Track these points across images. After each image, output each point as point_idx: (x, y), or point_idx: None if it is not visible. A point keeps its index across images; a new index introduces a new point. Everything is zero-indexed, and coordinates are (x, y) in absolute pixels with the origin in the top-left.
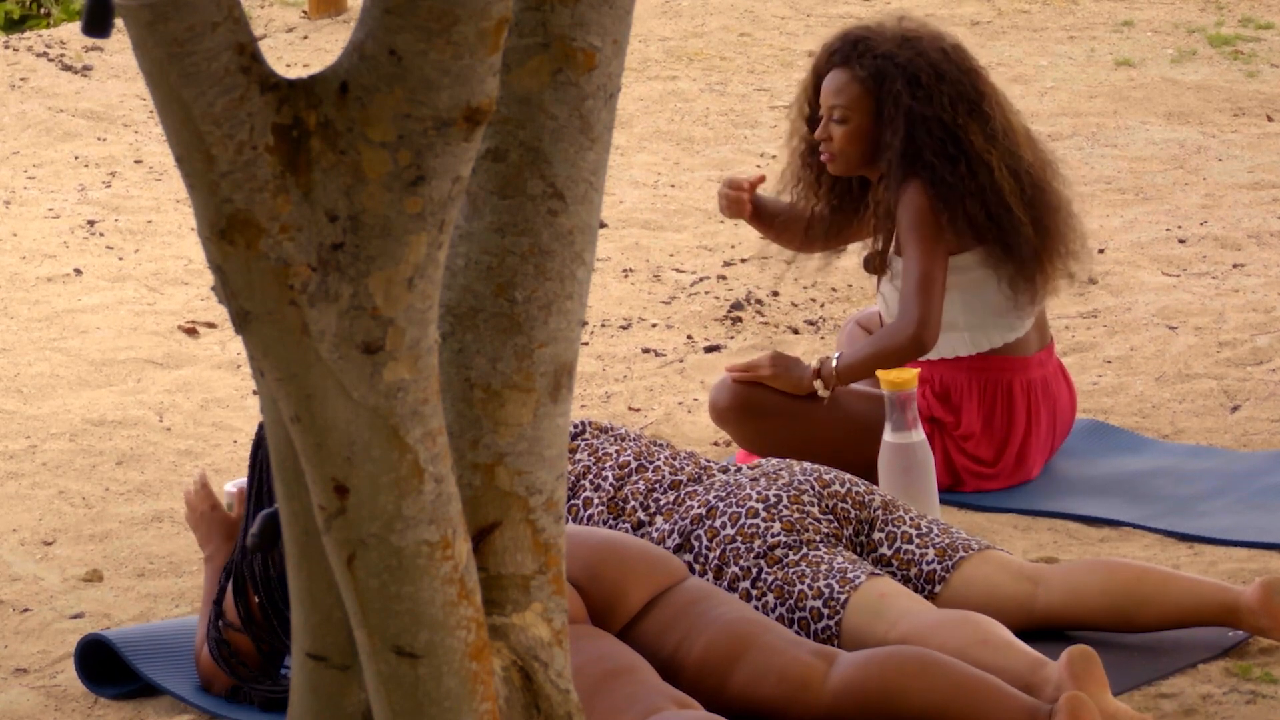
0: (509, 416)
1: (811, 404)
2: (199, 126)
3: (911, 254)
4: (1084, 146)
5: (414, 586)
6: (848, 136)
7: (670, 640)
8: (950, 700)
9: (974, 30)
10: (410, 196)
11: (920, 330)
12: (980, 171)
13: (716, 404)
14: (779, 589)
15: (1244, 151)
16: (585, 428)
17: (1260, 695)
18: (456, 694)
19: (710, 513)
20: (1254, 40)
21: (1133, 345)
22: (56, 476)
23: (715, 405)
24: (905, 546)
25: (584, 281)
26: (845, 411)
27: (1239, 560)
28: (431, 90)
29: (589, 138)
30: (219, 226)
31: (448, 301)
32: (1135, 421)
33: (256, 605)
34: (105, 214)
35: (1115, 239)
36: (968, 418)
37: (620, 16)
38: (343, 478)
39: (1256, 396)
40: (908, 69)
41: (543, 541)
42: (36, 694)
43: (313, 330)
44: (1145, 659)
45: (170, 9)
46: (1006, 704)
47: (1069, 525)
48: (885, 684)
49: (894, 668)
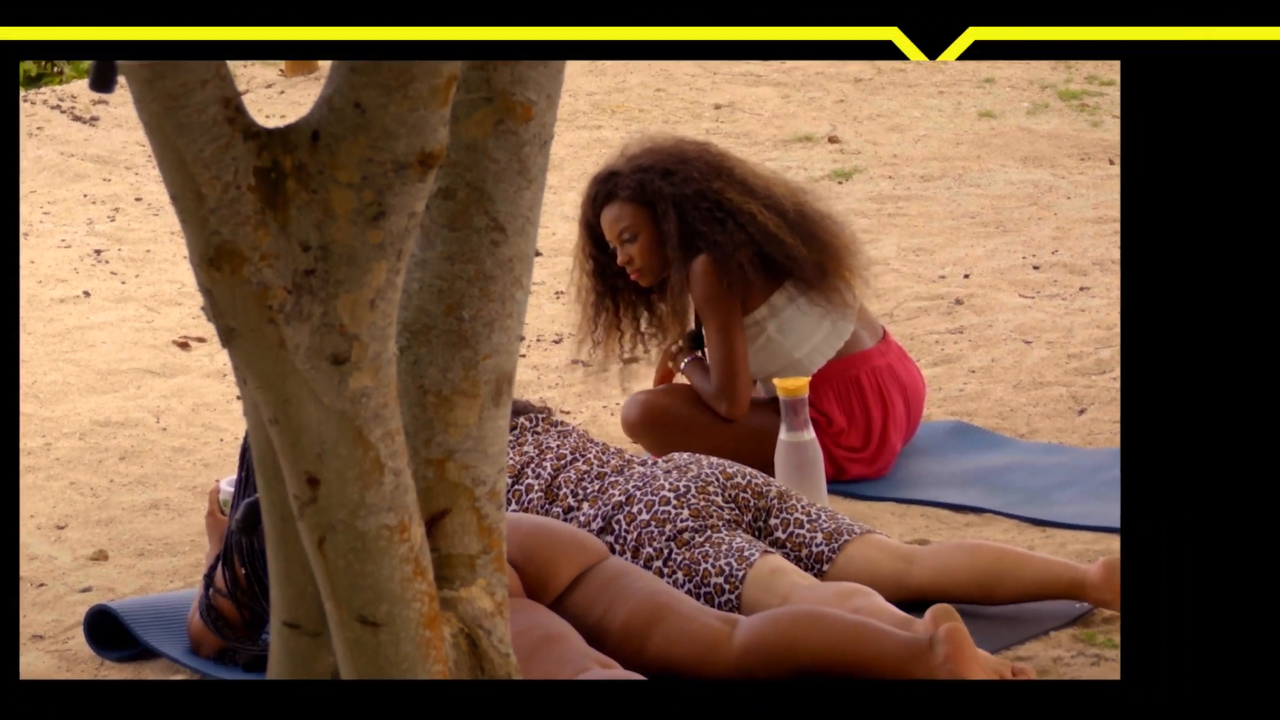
0: (457, 419)
1: (712, 417)
2: (191, 169)
3: (711, 329)
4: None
5: (375, 565)
6: (642, 249)
7: (595, 611)
8: (840, 645)
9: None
10: (372, 229)
11: (729, 409)
12: (746, 221)
13: (627, 419)
14: (686, 567)
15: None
16: (538, 421)
17: (1103, 658)
18: (412, 657)
19: (629, 500)
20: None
21: (993, 357)
22: (68, 470)
23: (626, 420)
24: (797, 531)
25: (522, 302)
26: (743, 423)
27: (1085, 542)
28: (391, 138)
29: (526, 179)
30: (208, 255)
31: (404, 320)
32: (995, 423)
33: (242, 576)
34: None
35: (978, 266)
36: (834, 415)
37: (553, 74)
38: (314, 471)
39: (1100, 401)
40: (657, 168)
41: (486, 526)
42: (51, 657)
43: (289, 344)
44: (1004, 627)
45: (166, 69)
46: (889, 641)
47: (938, 512)
48: (782, 637)
49: (788, 622)
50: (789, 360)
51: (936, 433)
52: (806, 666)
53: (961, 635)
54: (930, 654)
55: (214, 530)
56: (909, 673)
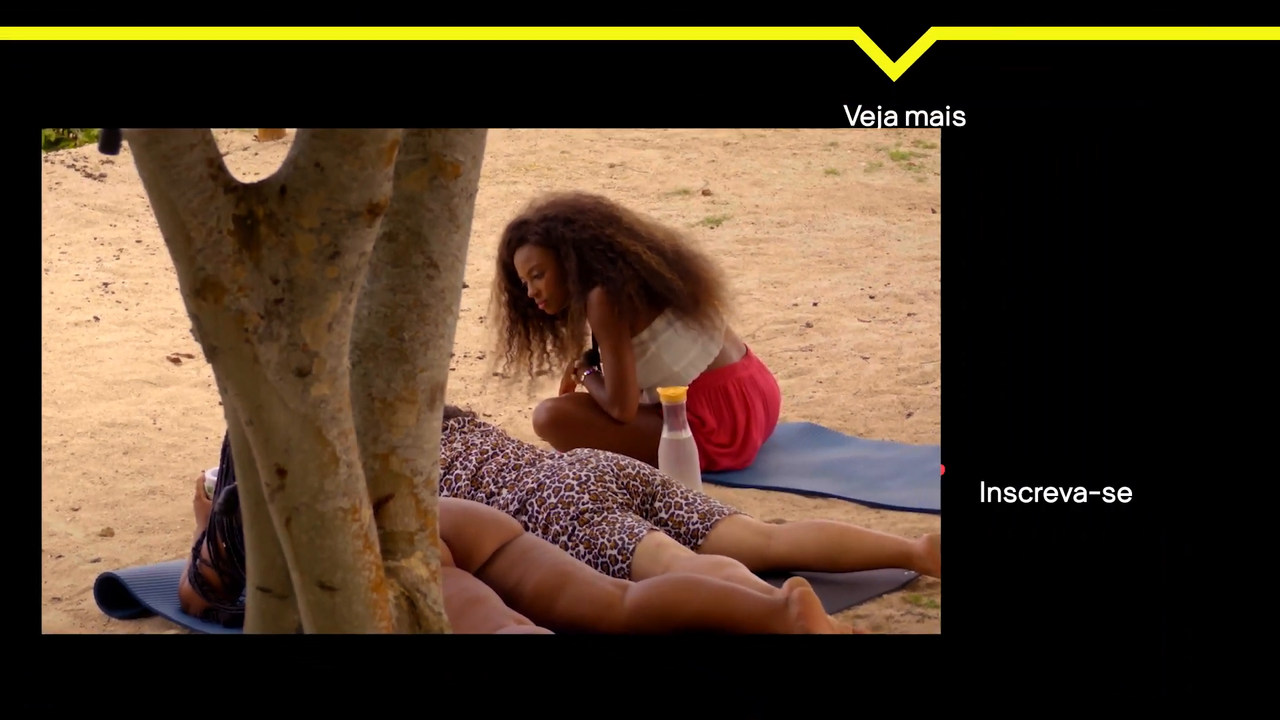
0: (399, 421)
1: (606, 419)
2: (181, 217)
3: (605, 348)
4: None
5: (332, 540)
6: (548, 283)
7: (511, 577)
8: (712, 605)
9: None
10: (330, 266)
11: (620, 413)
12: (633, 260)
13: (537, 421)
14: (587, 541)
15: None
16: (465, 423)
17: (926, 616)
18: (362, 616)
19: (540, 487)
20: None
21: (837, 370)
22: (81, 463)
23: (536, 422)
24: (677, 512)
25: (452, 326)
26: (632, 425)
27: (911, 521)
28: (345, 191)
29: (455, 224)
30: (195, 287)
31: (356, 339)
32: (839, 424)
33: (223, 549)
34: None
35: (824, 296)
36: (706, 418)
37: (478, 139)
38: (282, 463)
39: (924, 406)
40: (560, 217)
41: (422, 508)
42: (67, 615)
43: (261, 360)
44: (846, 591)
45: (161, 135)
46: (752, 603)
47: (793, 497)
48: (665, 599)
49: (670, 587)
50: (669, 373)
51: (790, 432)
52: (685, 623)
53: (811, 598)
54: (786, 613)
55: (200, 512)
56: (769, 628)
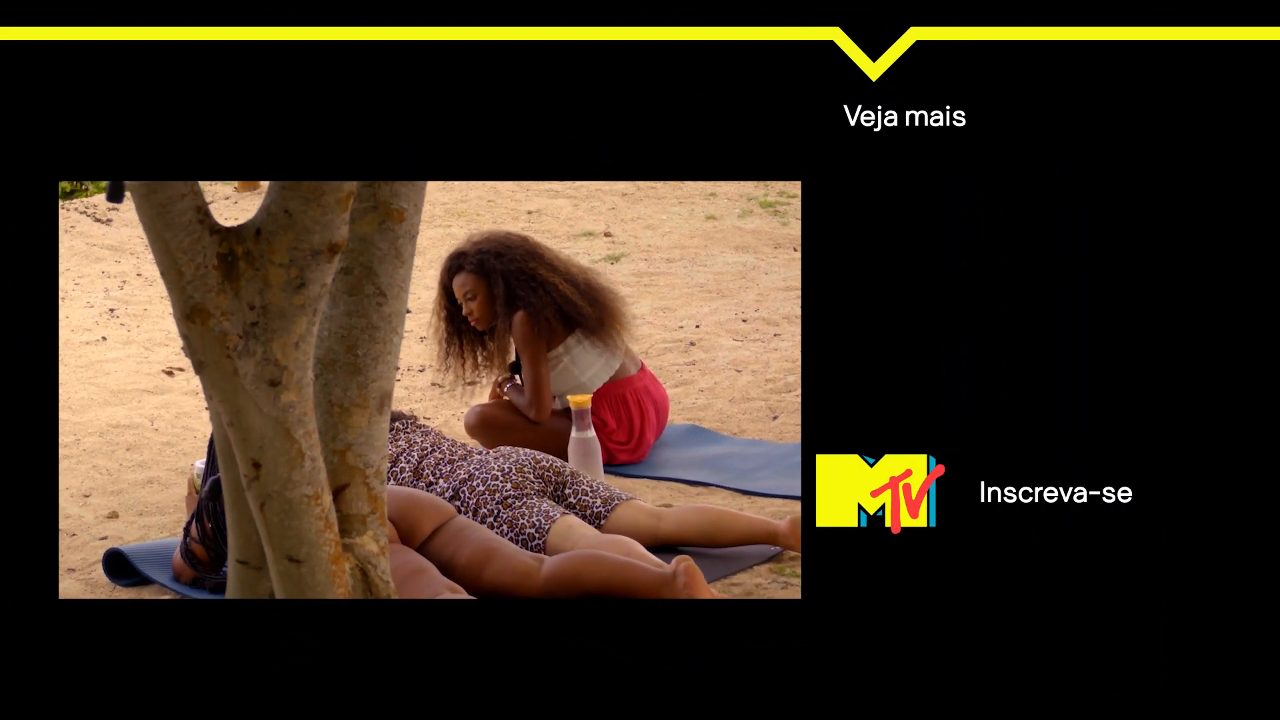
0: (354, 423)
1: (526, 421)
2: (174, 254)
3: (525, 361)
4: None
5: (299, 521)
6: (480, 305)
7: (446, 552)
8: (613, 576)
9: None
10: (297, 295)
11: (537, 416)
12: (550, 289)
13: (468, 423)
14: (510, 522)
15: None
16: (408, 424)
17: (789, 584)
18: (324, 584)
19: (470, 478)
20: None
21: (715, 381)
22: (91, 457)
23: (467, 424)
24: (584, 498)
25: (398, 344)
26: (547, 426)
27: (777, 506)
28: (309, 233)
29: (400, 261)
30: (186, 312)
31: (318, 355)
32: (717, 425)
33: (209, 529)
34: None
35: (705, 320)
36: (608, 420)
37: (419, 189)
38: (257, 458)
39: (787, 411)
40: (491, 250)
41: (373, 495)
42: (80, 583)
43: (240, 373)
44: (723, 564)
45: (158, 187)
46: (646, 574)
47: (679, 486)
48: (574, 571)
49: (577, 560)
50: (578, 383)
51: (677, 432)
52: (590, 590)
53: (695, 570)
54: (674, 582)
55: (190, 498)
56: (660, 595)
